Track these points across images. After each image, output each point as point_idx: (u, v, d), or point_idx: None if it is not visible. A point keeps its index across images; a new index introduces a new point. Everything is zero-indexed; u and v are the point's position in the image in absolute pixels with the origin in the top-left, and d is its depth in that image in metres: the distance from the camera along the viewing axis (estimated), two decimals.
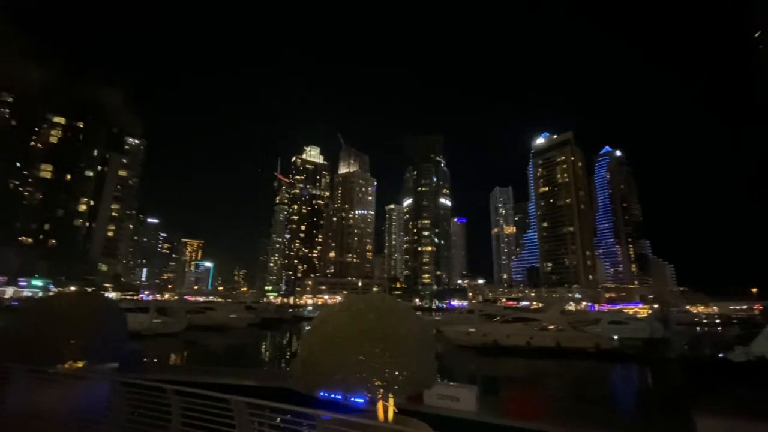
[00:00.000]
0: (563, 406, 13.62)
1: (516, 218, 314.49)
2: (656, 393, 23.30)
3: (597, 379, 26.70)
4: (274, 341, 49.12)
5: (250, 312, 66.85)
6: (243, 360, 29.83)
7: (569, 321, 39.81)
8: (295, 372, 5.84)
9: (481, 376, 23.45)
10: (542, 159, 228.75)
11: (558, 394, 18.41)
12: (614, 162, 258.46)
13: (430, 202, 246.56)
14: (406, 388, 5.01)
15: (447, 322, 48.14)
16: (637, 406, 19.84)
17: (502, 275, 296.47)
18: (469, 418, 11.56)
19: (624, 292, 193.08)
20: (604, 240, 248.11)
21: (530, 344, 34.70)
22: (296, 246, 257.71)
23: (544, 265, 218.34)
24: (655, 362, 29.25)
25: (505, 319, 40.55)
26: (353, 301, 5.92)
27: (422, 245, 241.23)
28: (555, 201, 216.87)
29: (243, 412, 5.76)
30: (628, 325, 42.50)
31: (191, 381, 8.33)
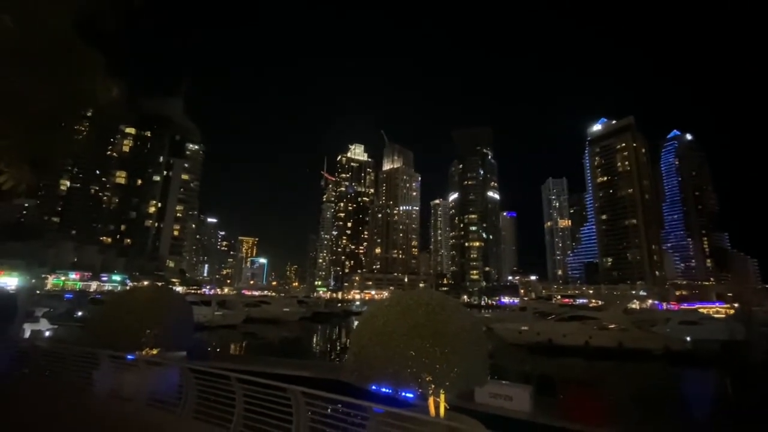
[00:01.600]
0: (626, 411, 12.72)
1: (571, 211, 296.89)
2: (736, 402, 20.93)
3: (665, 384, 24.51)
4: (324, 334, 50.83)
5: (301, 306, 69.56)
6: (297, 351, 31.19)
7: (633, 320, 36.99)
8: (347, 365, 6.00)
9: (535, 376, 22.52)
10: (600, 147, 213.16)
11: (620, 399, 17.20)
12: (684, 147, 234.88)
13: (477, 195, 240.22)
14: (457, 384, 4.96)
15: (498, 319, 46.83)
16: (711, 415, 17.96)
17: (556, 271, 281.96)
18: (522, 418, 11.19)
19: (698, 289, 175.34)
20: (674, 233, 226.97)
21: (588, 344, 32.71)
22: (343, 242, 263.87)
23: (604, 261, 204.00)
24: (735, 367, 26.26)
25: (561, 317, 38.57)
26: (402, 296, 5.95)
27: (469, 240, 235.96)
28: (615, 191, 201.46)
29: (300, 401, 6.04)
30: (703, 326, 38.53)
31: (251, 370, 8.89)
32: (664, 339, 32.63)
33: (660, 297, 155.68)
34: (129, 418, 7.56)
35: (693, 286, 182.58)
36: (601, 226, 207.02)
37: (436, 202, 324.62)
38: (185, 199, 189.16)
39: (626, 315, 39.02)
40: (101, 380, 9.06)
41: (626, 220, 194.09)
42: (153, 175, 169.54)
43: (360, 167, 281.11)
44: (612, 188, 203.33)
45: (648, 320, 40.66)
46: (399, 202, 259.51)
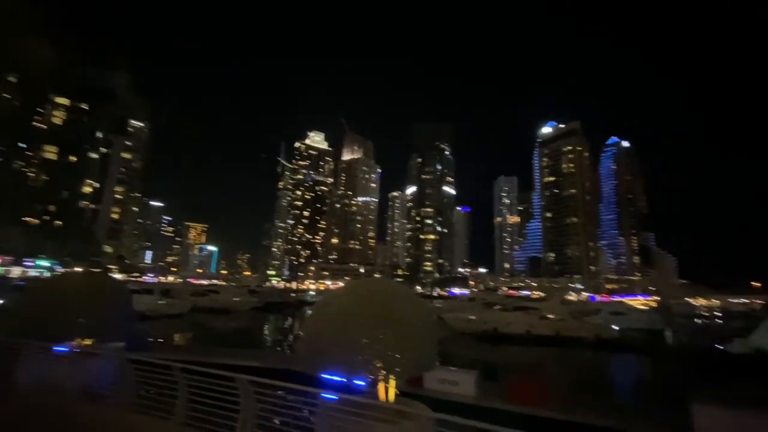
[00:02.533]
0: (561, 392, 13.83)
1: (520, 208, 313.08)
2: (654, 382, 23.56)
3: (596, 368, 26.99)
4: (277, 324, 49.88)
5: (253, 295, 67.60)
6: (247, 342, 30.36)
7: (570, 311, 40.06)
8: (299, 353, 5.96)
9: (481, 362, 23.74)
10: (548, 149, 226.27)
11: (556, 382, 18.68)
12: (621, 153, 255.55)
13: (433, 190, 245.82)
14: (407, 370, 5.12)
15: (448, 309, 48.58)
16: (634, 394, 20.12)
17: (504, 264, 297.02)
18: (467, 402, 11.79)
19: (626, 283, 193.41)
20: (608, 231, 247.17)
21: (530, 332, 35.02)
22: (299, 231, 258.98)
23: (547, 255, 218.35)
24: (654, 353, 29.49)
25: (506, 307, 40.85)
26: (356, 285, 6.00)
27: (425, 233, 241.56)
28: (560, 191, 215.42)
29: (248, 390, 5.91)
30: (629, 316, 42.70)
31: (197, 360, 8.53)
32: (596, 328, 35.72)
33: (594, 290, 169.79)
34: (58, 412, 6.98)
35: (622, 281, 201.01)
36: (546, 224, 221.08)
37: (395, 195, 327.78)
38: (126, 180, 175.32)
39: (564, 306, 42.14)
40: (27, 373, 8.27)
41: (568, 219, 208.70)
42: (89, 152, 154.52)
43: (319, 155, 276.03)
44: (557, 188, 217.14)
45: (583, 311, 44.24)
46: (358, 192, 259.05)
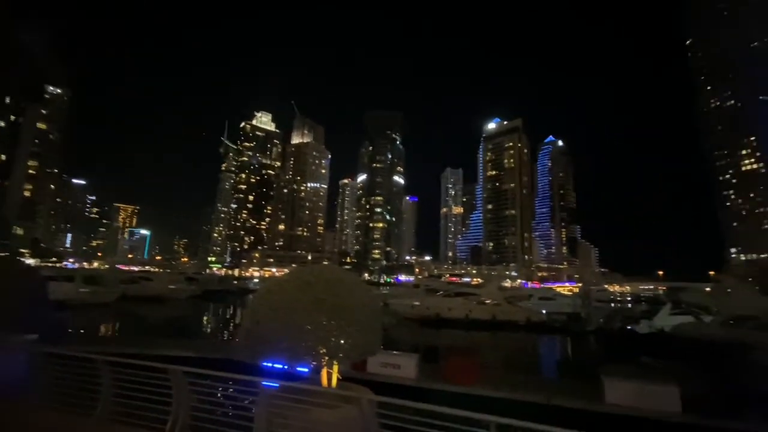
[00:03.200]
0: (495, 372, 14.88)
1: (464, 199, 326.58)
2: (574, 360, 26.24)
3: (526, 349, 29.40)
4: (217, 313, 47.73)
5: (191, 283, 63.97)
6: (183, 332, 28.73)
7: (505, 296, 42.94)
8: (239, 342, 5.78)
9: (423, 346, 24.75)
10: (492, 144, 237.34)
11: (491, 362, 20.06)
12: (556, 151, 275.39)
13: (384, 179, 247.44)
14: (351, 355, 5.18)
15: (394, 295, 49.70)
16: (558, 371, 22.26)
17: (447, 253, 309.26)
18: (409, 384, 12.28)
19: (555, 271, 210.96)
20: (541, 223, 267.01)
21: (469, 317, 37.08)
22: (243, 216, 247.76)
23: (486, 245, 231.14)
24: (575, 334, 32.73)
25: (448, 293, 42.73)
26: (301, 271, 5.91)
27: (374, 221, 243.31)
28: (500, 185, 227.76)
29: (181, 382, 5.63)
30: (555, 301, 46.89)
31: (125, 352, 7.92)
32: (527, 312, 38.75)
33: (527, 277, 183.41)
34: None
35: (551, 269, 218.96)
36: (487, 215, 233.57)
37: (345, 182, 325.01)
38: (41, 153, 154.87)
39: (500, 292, 45.04)
40: None
41: (507, 211, 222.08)
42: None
43: (266, 137, 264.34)
44: (498, 181, 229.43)
45: (516, 296, 47.63)
46: (307, 178, 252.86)
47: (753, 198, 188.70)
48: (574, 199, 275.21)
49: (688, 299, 30.92)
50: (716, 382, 14.91)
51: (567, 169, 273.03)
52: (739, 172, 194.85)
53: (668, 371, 16.52)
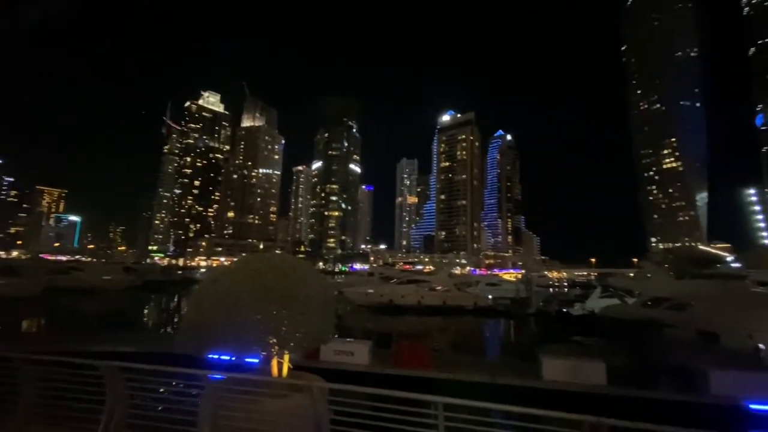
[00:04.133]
0: (444, 355, 15.51)
1: (419, 189, 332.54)
2: (517, 341, 28.08)
3: (473, 332, 30.93)
4: (159, 305, 44.90)
5: (129, 273, 59.52)
6: (121, 326, 26.73)
7: (455, 283, 44.71)
8: (182, 334, 5.47)
9: (376, 333, 25.14)
10: (446, 135, 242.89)
11: (441, 346, 20.87)
12: (505, 145, 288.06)
13: (340, 166, 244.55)
14: (303, 344, 5.11)
15: (348, 283, 49.82)
16: (502, 351, 23.71)
17: (402, 242, 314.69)
18: (361, 370, 12.46)
19: (500, 259, 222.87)
20: (489, 214, 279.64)
21: (421, 303, 38.23)
22: (188, 203, 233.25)
23: (439, 234, 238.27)
24: (518, 317, 34.96)
25: (401, 281, 43.66)
26: (250, 259, 5.69)
27: (329, 210, 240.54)
28: (453, 176, 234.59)
29: (116, 378, 5.25)
30: (501, 287, 49.66)
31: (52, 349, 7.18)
32: (474, 297, 40.70)
33: (475, 264, 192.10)
34: None
35: (498, 257, 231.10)
36: (440, 205, 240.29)
37: (299, 169, 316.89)
38: None
39: (450, 279, 46.82)
40: None
41: (458, 201, 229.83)
42: None
43: (214, 119, 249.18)
44: (451, 173, 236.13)
45: (465, 283, 49.77)
46: (259, 163, 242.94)
47: (671, 193, 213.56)
48: (520, 192, 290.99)
49: (615, 284, 34.13)
50: (636, 357, 16.68)
51: (514, 163, 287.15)
52: (661, 170, 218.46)
53: (597, 348, 18.26)
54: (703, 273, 34.09)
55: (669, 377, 11.71)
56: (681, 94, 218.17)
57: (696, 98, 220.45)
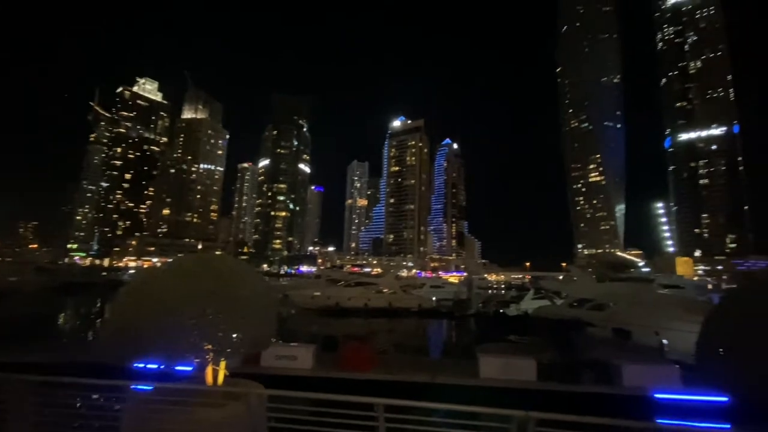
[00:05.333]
0: (388, 356, 15.67)
1: (368, 192, 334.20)
2: (457, 340, 29.21)
3: (417, 333, 31.65)
4: (78, 310, 40.35)
5: (41, 274, 52.97)
6: (30, 334, 23.52)
7: (401, 285, 45.49)
8: (104, 341, 4.97)
9: (321, 336, 24.71)
10: (396, 141, 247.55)
11: (385, 347, 21.08)
12: (451, 153, 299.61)
13: (288, 165, 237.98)
14: (240, 349, 4.88)
15: (294, 286, 48.66)
16: (443, 351, 24.51)
17: (351, 244, 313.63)
18: (305, 375, 12.18)
19: (445, 262, 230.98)
20: (436, 218, 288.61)
21: (367, 305, 38.36)
22: (117, 197, 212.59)
23: (387, 237, 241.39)
24: (459, 317, 36.41)
25: (348, 283, 43.50)
26: (184, 260, 5.33)
27: (276, 210, 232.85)
28: (402, 180, 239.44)
29: (20, 394, 4.63)
30: (444, 289, 51.45)
31: None
32: (419, 299, 41.73)
33: (421, 267, 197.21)
34: None
35: (442, 260, 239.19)
36: (389, 208, 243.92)
37: (245, 166, 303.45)
38: None
39: (397, 281, 47.58)
40: None
41: (407, 205, 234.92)
42: None
43: (151, 108, 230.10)
44: (401, 177, 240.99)
45: (411, 285, 50.86)
46: (200, 158, 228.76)
47: (595, 204, 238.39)
48: (464, 198, 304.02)
49: (545, 286, 36.91)
50: (562, 353, 18.12)
51: (459, 171, 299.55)
52: (587, 183, 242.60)
53: (529, 346, 19.56)
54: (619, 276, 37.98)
55: (590, 371, 12.87)
56: (605, 116, 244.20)
57: (618, 120, 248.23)
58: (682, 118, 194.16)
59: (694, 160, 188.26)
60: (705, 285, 56.20)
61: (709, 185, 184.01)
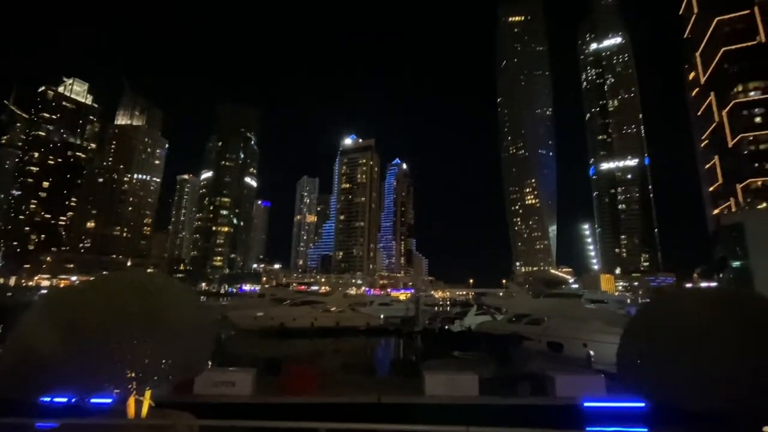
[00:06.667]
0: (332, 378, 15.23)
1: (318, 208, 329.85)
2: (404, 358, 29.22)
3: (364, 352, 31.22)
4: None
5: None
6: None
7: (349, 303, 44.89)
8: (3, 373, 4.28)
9: (264, 359, 23.45)
10: (347, 158, 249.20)
11: (331, 368, 20.49)
12: (401, 173, 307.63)
13: (233, 178, 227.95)
14: (169, 376, 4.46)
15: (235, 306, 45.98)
16: (390, 369, 24.35)
17: (298, 261, 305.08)
18: (243, 401, 11.42)
19: (393, 279, 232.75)
20: (385, 236, 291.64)
21: (314, 325, 37.19)
22: (31, 208, 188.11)
23: (336, 254, 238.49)
24: (406, 335, 36.58)
25: (294, 302, 42.04)
26: (106, 279, 4.83)
27: (218, 225, 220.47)
28: (353, 198, 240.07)
29: None
30: (392, 306, 51.68)
31: None
32: (367, 317, 41.38)
33: (370, 284, 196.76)
34: None
35: (391, 277, 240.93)
36: (339, 225, 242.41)
37: (185, 178, 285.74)
38: None
39: (345, 299, 46.93)
40: None
41: (357, 222, 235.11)
42: None
43: (78, 111, 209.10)
44: (351, 194, 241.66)
45: (360, 303, 50.45)
46: (134, 168, 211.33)
47: (531, 225, 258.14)
48: (413, 217, 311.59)
49: (487, 302, 38.50)
50: (502, 367, 18.83)
51: (408, 190, 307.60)
52: (524, 205, 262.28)
53: (472, 362, 20.13)
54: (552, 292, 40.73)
55: (527, 384, 13.49)
56: (539, 144, 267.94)
57: (550, 149, 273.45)
58: (603, 150, 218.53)
59: (614, 187, 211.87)
60: (625, 299, 62.14)
61: (626, 210, 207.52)
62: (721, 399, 5.03)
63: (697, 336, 5.40)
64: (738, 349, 5.09)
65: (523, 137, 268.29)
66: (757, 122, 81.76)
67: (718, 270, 66.67)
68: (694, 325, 5.56)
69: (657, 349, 5.77)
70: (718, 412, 5.22)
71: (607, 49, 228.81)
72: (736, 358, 5.04)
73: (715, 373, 5.05)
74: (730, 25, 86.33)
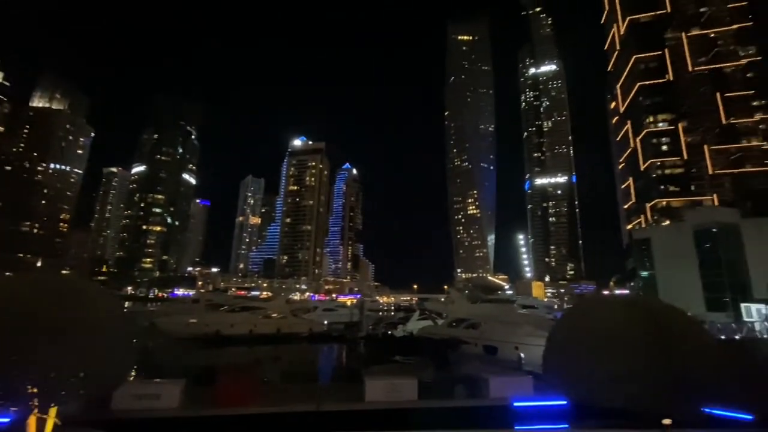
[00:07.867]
0: (271, 387, 14.67)
1: (263, 210, 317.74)
2: (346, 364, 28.98)
3: (306, 359, 30.44)
4: None
5: None
6: None
7: (292, 309, 43.60)
8: None
9: (195, 369, 21.93)
10: (296, 160, 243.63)
11: (269, 377, 19.71)
12: (350, 178, 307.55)
13: (170, 174, 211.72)
14: (80, 391, 4.00)
15: (164, 312, 42.61)
16: (331, 376, 24.00)
17: (239, 264, 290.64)
18: (170, 415, 10.57)
19: (339, 284, 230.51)
20: (332, 240, 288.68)
21: (253, 332, 35.55)
22: None
23: (281, 258, 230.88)
24: (350, 341, 36.32)
25: (232, 308, 39.93)
26: (11, 281, 4.24)
27: (150, 224, 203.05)
28: (300, 200, 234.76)
29: None
30: (337, 312, 51.08)
31: None
32: (310, 323, 40.48)
33: (315, 290, 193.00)
34: None
35: (337, 282, 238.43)
36: (285, 228, 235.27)
37: (113, 171, 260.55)
38: None
39: (288, 305, 45.51)
40: None
41: (304, 226, 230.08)
42: None
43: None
44: (299, 197, 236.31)
45: (303, 308, 49.26)
46: (51, 156, 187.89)
47: (472, 234, 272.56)
48: (361, 222, 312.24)
49: (429, 307, 39.55)
50: (441, 371, 19.44)
51: (357, 195, 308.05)
52: (466, 215, 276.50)
53: (412, 366, 20.51)
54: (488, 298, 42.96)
55: (463, 386, 14.05)
56: (482, 158, 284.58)
57: (491, 162, 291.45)
58: (537, 166, 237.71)
59: (545, 201, 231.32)
60: (553, 305, 67.45)
61: (555, 222, 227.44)
62: (629, 396, 5.64)
63: (609, 338, 6.02)
64: (643, 351, 5.74)
65: (467, 150, 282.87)
66: (664, 150, 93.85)
67: (629, 279, 74.86)
68: (607, 329, 6.20)
69: (576, 351, 6.35)
70: (627, 408, 5.85)
71: (544, 74, 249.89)
72: (642, 359, 5.68)
73: (624, 372, 5.66)
74: (645, 62, 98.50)
